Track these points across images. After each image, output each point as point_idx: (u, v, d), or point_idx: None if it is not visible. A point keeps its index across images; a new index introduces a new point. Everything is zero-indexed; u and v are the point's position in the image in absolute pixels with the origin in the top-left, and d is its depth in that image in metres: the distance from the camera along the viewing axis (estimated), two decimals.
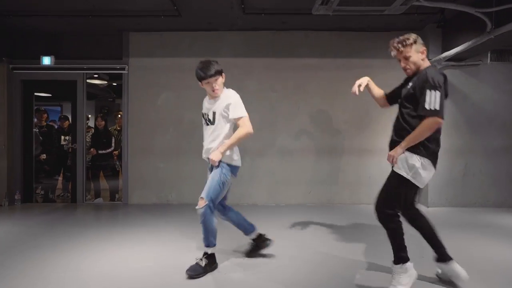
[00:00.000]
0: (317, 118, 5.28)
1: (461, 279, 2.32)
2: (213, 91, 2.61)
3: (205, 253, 2.63)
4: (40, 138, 6.21)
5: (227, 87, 5.81)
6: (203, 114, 2.79)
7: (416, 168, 2.17)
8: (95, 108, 9.34)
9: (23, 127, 5.41)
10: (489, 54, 4.81)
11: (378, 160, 5.20)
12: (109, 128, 6.32)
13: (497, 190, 4.98)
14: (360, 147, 5.28)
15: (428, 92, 2.10)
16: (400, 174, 2.22)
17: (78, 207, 5.18)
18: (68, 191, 6.21)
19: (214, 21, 4.79)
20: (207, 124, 2.72)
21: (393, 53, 2.35)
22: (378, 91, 2.61)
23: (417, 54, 2.27)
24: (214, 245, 2.66)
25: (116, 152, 5.99)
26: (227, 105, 2.60)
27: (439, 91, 2.10)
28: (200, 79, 2.62)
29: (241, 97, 5.22)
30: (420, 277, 2.43)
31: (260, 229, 3.39)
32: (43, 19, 4.64)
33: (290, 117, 5.29)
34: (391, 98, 2.56)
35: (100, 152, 5.82)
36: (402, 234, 2.30)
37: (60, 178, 6.55)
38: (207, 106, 2.74)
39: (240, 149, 5.22)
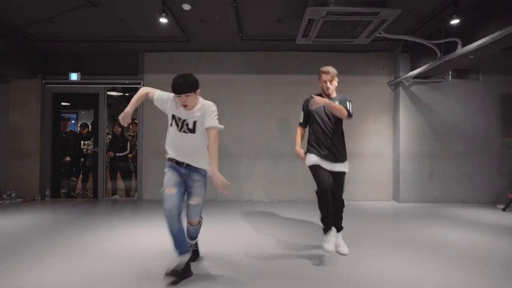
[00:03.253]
0: None
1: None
2: (183, 106, 2.51)
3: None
4: (60, 143, 7.05)
5: (228, 99, 6.65)
6: (176, 117, 2.58)
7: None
8: (109, 116, 10.20)
9: (52, 133, 6.29)
10: (450, 72, 5.68)
11: (357, 162, 6.04)
12: (125, 134, 7.18)
13: (459, 188, 5.78)
14: None
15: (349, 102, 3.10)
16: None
17: (99, 202, 6.02)
18: (86, 190, 7.05)
19: (216, 44, 5.67)
20: (184, 132, 2.59)
21: (328, 76, 3.12)
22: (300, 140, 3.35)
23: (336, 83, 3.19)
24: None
25: (130, 155, 6.83)
26: (205, 113, 2.56)
27: None
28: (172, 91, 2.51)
29: (240, 108, 6.22)
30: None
31: (254, 220, 4.16)
32: (73, 43, 5.53)
33: (282, 125, 6.13)
34: (306, 124, 3.30)
35: (117, 154, 6.67)
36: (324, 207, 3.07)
37: (79, 179, 7.35)
38: (184, 112, 2.56)
39: (238, 153, 6.16)
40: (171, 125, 2.64)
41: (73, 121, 11.55)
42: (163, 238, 3.64)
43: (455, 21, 3.85)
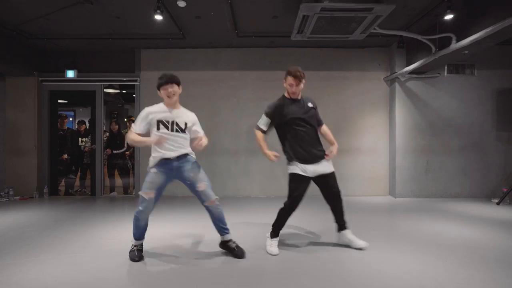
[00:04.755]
0: None
1: None
2: (169, 96, 2.84)
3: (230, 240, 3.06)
4: (57, 140, 7.06)
5: (226, 96, 6.71)
6: (163, 121, 2.84)
7: None
8: (106, 113, 10.21)
9: (50, 130, 6.30)
10: (446, 68, 5.70)
11: (354, 158, 6.08)
12: (122, 131, 7.19)
13: (453, 183, 5.82)
14: (339, 147, 6.07)
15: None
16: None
17: (97, 199, 6.05)
18: (84, 187, 7.06)
19: (213, 41, 5.68)
20: (176, 131, 2.87)
21: (295, 80, 2.98)
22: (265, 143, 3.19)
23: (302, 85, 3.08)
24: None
25: (128, 152, 6.84)
26: (194, 121, 3.02)
27: None
28: (162, 83, 2.86)
29: (237, 105, 6.22)
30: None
31: (251, 217, 4.19)
32: (69, 40, 5.53)
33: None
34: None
35: (114, 152, 6.68)
36: None
37: (77, 177, 7.37)
38: (169, 114, 2.88)
39: (235, 149, 6.18)
40: (158, 129, 2.85)
41: (70, 119, 11.58)
42: (159, 234, 3.69)
43: (449, 16, 3.86)
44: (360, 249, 3.13)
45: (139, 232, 2.99)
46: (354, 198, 5.88)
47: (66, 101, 9.11)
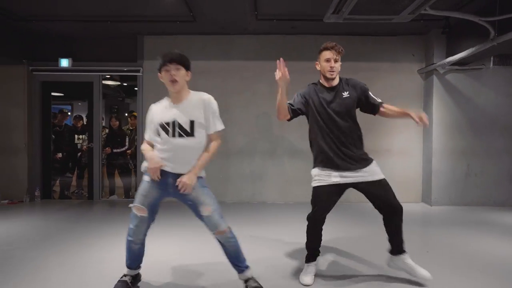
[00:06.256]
0: None
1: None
2: (171, 81, 2.12)
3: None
4: (53, 136, 6.41)
5: (239, 90, 5.78)
6: (163, 123, 2.16)
7: None
8: (105, 107, 9.54)
9: (42, 126, 5.63)
10: (492, 59, 4.97)
11: (384, 160, 5.39)
12: (123, 128, 6.52)
13: (498, 189, 5.15)
14: (366, 147, 5.40)
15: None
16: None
17: (95, 204, 5.40)
18: (82, 188, 6.42)
19: (226, 26, 4.98)
20: (179, 136, 2.14)
21: (333, 53, 2.42)
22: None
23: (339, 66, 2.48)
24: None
25: (129, 151, 6.19)
26: (207, 110, 2.23)
27: None
28: (163, 63, 2.14)
29: (252, 100, 5.51)
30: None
31: (267, 226, 3.58)
32: (62, 23, 4.84)
33: (300, 118, 5.46)
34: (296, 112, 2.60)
35: (114, 150, 6.02)
36: None
37: (74, 176, 6.74)
38: (170, 112, 2.17)
39: (251, 149, 5.51)
40: (158, 135, 2.19)
41: (68, 113, 10.91)
42: (150, 252, 3.02)
43: None
44: (424, 278, 2.44)
45: (132, 258, 2.31)
46: None
47: (62, 94, 8.41)
